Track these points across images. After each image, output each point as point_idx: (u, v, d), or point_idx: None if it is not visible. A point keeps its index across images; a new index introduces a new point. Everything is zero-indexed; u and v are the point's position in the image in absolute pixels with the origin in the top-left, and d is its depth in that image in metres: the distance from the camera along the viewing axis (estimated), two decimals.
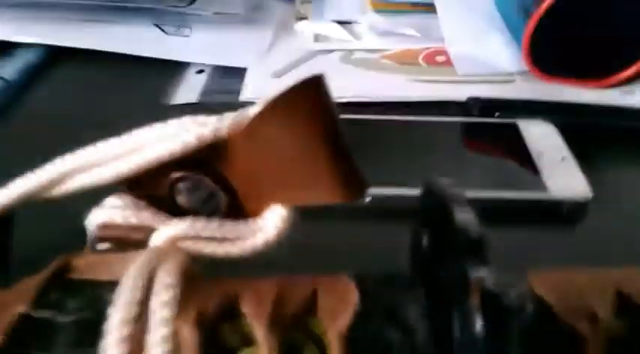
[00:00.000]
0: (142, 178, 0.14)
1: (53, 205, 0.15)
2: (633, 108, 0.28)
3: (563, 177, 0.23)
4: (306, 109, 0.12)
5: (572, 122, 0.26)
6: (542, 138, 0.25)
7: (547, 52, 0.29)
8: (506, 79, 0.30)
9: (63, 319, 0.11)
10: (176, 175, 0.14)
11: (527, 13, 0.28)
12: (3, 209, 0.15)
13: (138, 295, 0.11)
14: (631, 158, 0.26)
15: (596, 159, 0.25)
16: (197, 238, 0.13)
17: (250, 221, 0.14)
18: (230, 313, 0.11)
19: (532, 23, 0.27)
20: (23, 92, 0.29)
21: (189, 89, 0.29)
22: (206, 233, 0.13)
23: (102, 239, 0.14)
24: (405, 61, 0.31)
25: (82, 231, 0.14)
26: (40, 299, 0.11)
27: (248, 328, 0.11)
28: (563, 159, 0.24)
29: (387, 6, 0.34)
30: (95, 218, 0.14)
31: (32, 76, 0.30)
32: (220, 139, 0.13)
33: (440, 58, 0.31)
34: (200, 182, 0.14)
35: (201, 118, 0.13)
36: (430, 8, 0.33)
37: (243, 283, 0.12)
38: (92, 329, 0.10)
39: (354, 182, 0.12)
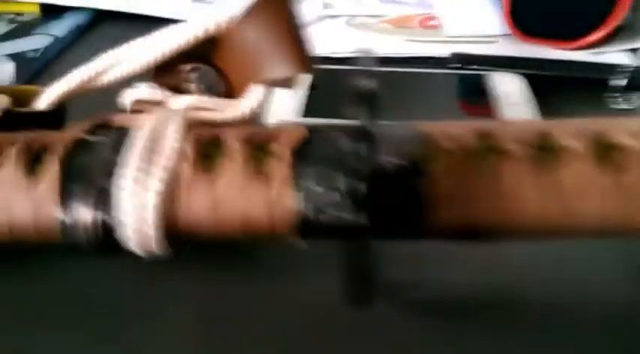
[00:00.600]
0: (162, 70, 0.19)
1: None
2: (594, 62, 0.31)
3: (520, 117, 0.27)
4: (276, 12, 0.17)
5: (539, 75, 0.30)
6: (507, 87, 0.29)
7: (527, 15, 0.33)
8: (490, 40, 0.34)
9: (105, 140, 0.16)
10: (188, 66, 0.19)
11: None
12: (60, 99, 0.20)
13: (154, 125, 0.16)
14: (587, 105, 0.30)
15: (556, 106, 0.29)
16: (201, 108, 0.18)
17: (239, 98, 0.18)
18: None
19: None
20: (70, 48, 0.35)
21: None
22: (208, 105, 0.18)
23: (133, 112, 0.19)
24: (401, 24, 0.35)
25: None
26: (90, 130, 0.16)
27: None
28: (522, 104, 0.28)
29: None
30: (128, 96, 0.19)
31: (78, 35, 0.36)
32: (217, 34, 0.18)
33: (432, 23, 0.35)
34: (205, 72, 0.19)
35: (212, 20, 0.18)
36: None
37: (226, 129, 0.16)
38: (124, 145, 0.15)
39: (307, 62, 0.17)
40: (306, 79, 0.17)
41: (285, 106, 0.27)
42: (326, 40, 0.32)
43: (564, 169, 0.14)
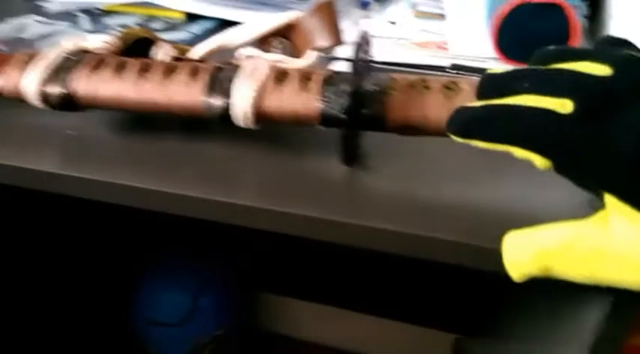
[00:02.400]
0: (261, 41, 0.35)
1: None
2: None
3: None
4: (324, 9, 0.32)
5: None
6: None
7: (509, 44, 0.46)
8: (483, 59, 0.48)
9: (230, 68, 0.32)
10: (274, 39, 0.34)
11: (492, 17, 0.46)
12: (204, 55, 0.36)
13: (253, 64, 0.31)
14: None
15: None
16: (280, 61, 0.33)
17: (301, 58, 0.34)
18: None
19: (496, 24, 0.46)
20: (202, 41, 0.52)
21: None
22: (284, 60, 0.33)
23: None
24: (421, 46, 0.50)
25: None
26: (223, 63, 0.32)
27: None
28: None
29: (422, 14, 0.54)
30: (243, 52, 0.34)
31: (209, 33, 0.53)
32: (292, 22, 0.33)
33: (445, 46, 0.50)
34: (284, 42, 0.34)
35: (290, 13, 0.33)
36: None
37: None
38: (239, 70, 0.31)
39: (340, 37, 0.32)
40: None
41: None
42: (374, 51, 0.47)
43: (457, 97, 0.28)
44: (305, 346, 1.13)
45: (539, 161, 0.23)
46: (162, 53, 0.36)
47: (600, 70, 0.22)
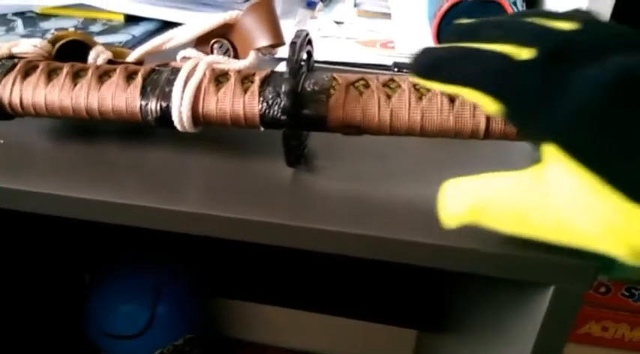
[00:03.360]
0: (199, 42, 0.34)
1: None
2: None
3: None
4: (262, 7, 0.32)
5: None
6: None
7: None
8: None
9: (166, 69, 0.31)
10: (213, 40, 0.34)
11: (432, 18, 0.47)
12: (140, 57, 0.35)
13: (191, 66, 0.30)
14: None
15: None
16: (219, 62, 0.33)
17: (241, 59, 0.33)
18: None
19: (435, 22, 0.46)
20: (142, 43, 0.51)
21: None
22: (223, 61, 0.33)
23: (181, 61, 0.34)
24: (367, 45, 0.50)
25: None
26: (159, 65, 0.31)
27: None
28: None
29: (366, 13, 0.54)
30: (180, 54, 0.34)
31: (149, 35, 0.52)
32: (230, 22, 0.33)
33: (390, 45, 0.50)
34: (223, 43, 0.34)
35: (228, 13, 0.33)
36: (390, 16, 0.52)
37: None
38: (176, 72, 0.30)
39: (281, 36, 0.32)
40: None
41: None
42: (320, 51, 0.47)
43: (395, 96, 0.28)
44: (269, 350, 1.12)
45: (491, 105, 0.23)
46: (99, 57, 0.34)
47: (567, 26, 0.22)
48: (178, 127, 0.30)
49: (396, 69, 0.45)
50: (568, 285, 0.26)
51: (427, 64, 0.25)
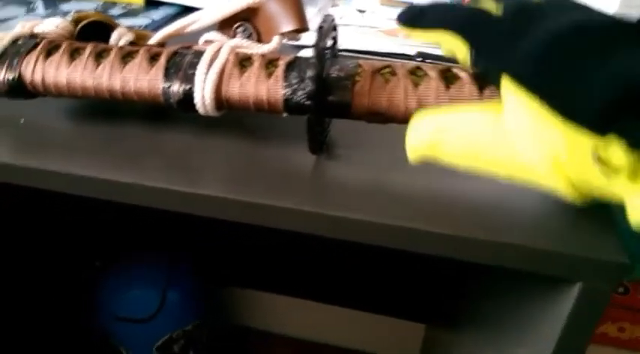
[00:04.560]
0: (222, 25, 0.33)
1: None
2: None
3: None
4: None
5: None
6: None
7: None
8: None
9: (190, 52, 0.30)
10: (237, 24, 0.33)
11: None
12: (162, 39, 0.35)
13: (214, 49, 0.30)
14: None
15: None
16: (242, 46, 0.32)
17: (264, 43, 0.32)
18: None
19: None
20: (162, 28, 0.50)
21: None
22: (246, 45, 0.32)
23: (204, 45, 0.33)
24: (389, 34, 0.49)
25: None
26: (182, 48, 0.31)
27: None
28: None
29: (389, 2, 0.53)
30: (203, 37, 0.33)
31: (168, 20, 0.51)
32: (254, 6, 0.32)
33: None
34: (247, 27, 0.33)
35: None
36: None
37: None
38: (200, 55, 0.30)
39: (305, 21, 0.31)
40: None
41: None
42: (342, 39, 0.46)
43: (422, 84, 0.28)
44: (277, 340, 1.12)
45: (463, 50, 0.26)
46: (121, 39, 0.34)
47: None
48: (200, 110, 0.30)
49: (419, 59, 0.44)
50: (596, 282, 0.25)
51: (411, 14, 0.28)
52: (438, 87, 0.28)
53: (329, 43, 0.30)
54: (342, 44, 0.44)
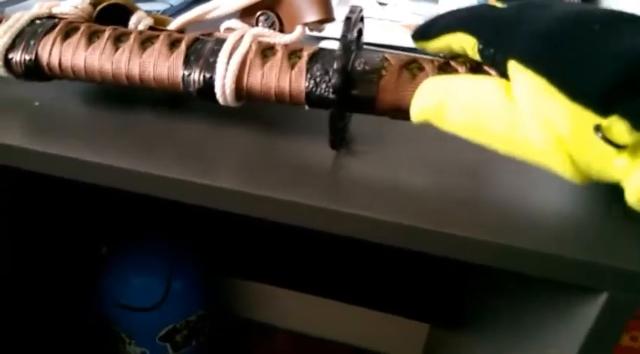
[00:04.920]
0: (244, 13, 0.33)
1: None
2: None
3: None
4: None
5: None
6: None
7: None
8: None
9: (211, 39, 0.29)
10: (259, 12, 0.32)
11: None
12: (182, 25, 0.34)
13: (236, 37, 0.29)
14: None
15: None
16: (264, 35, 0.31)
17: (288, 34, 0.32)
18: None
19: None
20: (180, 13, 0.49)
21: None
22: (268, 34, 0.31)
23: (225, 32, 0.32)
24: (412, 28, 0.48)
25: None
26: (203, 34, 0.30)
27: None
28: None
29: None
30: (224, 24, 0.32)
31: (187, 5, 0.51)
32: None
33: None
34: (269, 16, 0.32)
35: None
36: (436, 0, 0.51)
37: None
38: (221, 43, 0.29)
39: (330, 12, 0.30)
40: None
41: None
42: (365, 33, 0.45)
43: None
44: (280, 333, 1.12)
45: (471, 45, 0.25)
46: (140, 23, 0.33)
47: None
48: (220, 100, 0.29)
49: (441, 55, 0.43)
50: (623, 293, 0.24)
51: (421, 28, 0.28)
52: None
53: (355, 34, 0.29)
54: (366, 39, 0.43)
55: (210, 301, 0.98)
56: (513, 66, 0.23)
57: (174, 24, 0.34)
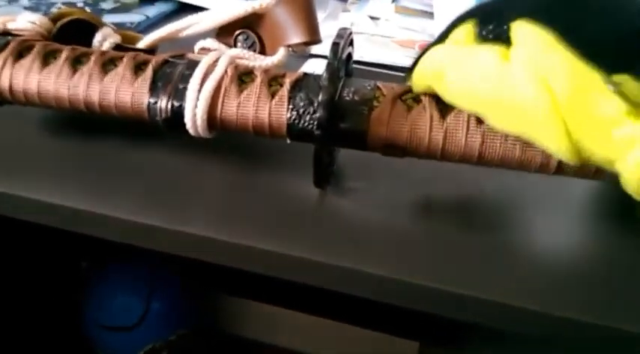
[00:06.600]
0: (221, 32, 0.29)
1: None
2: None
3: None
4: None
5: None
6: None
7: None
8: None
9: (182, 62, 0.26)
10: (238, 31, 0.29)
11: None
12: (152, 43, 0.31)
13: (211, 60, 0.26)
14: None
15: None
16: (242, 57, 0.28)
17: (268, 55, 0.28)
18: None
19: None
20: (156, 26, 0.46)
21: None
22: (247, 56, 0.28)
23: (199, 53, 0.29)
24: (405, 45, 0.45)
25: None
26: (173, 56, 0.27)
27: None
28: None
29: (405, 10, 0.49)
30: (199, 44, 0.29)
31: (164, 17, 0.47)
32: (259, 11, 0.28)
33: None
34: (249, 35, 0.29)
35: (257, 1, 0.28)
36: (431, 15, 0.48)
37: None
38: (193, 66, 0.26)
39: (317, 33, 0.27)
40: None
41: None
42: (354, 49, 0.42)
43: (451, 116, 0.24)
44: (267, 350, 1.08)
45: (469, 34, 0.23)
46: (106, 41, 0.30)
47: None
48: (191, 131, 0.26)
49: None
50: None
51: (414, 61, 0.25)
52: (469, 119, 0.24)
53: (343, 59, 0.25)
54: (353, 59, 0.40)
55: (195, 320, 0.94)
56: (518, 25, 0.21)
57: (143, 42, 0.31)
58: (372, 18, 0.49)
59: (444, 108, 0.24)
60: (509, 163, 0.24)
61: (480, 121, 0.23)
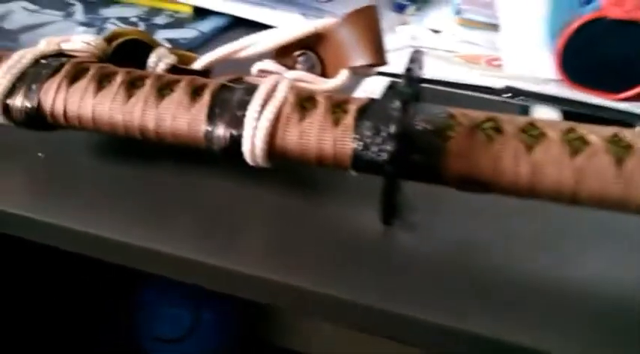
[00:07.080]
0: (281, 53, 0.28)
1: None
2: (624, 111, 0.37)
3: None
4: (364, 17, 0.25)
5: (574, 113, 0.36)
6: (544, 116, 0.36)
7: (575, 66, 0.39)
8: (543, 81, 0.40)
9: (240, 87, 0.24)
10: (298, 52, 0.27)
11: (559, 33, 0.39)
12: (209, 64, 0.29)
13: (270, 85, 0.24)
14: None
15: None
16: (303, 80, 0.26)
17: (330, 78, 0.26)
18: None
19: (562, 41, 0.38)
20: (210, 42, 0.45)
21: None
22: (308, 79, 0.26)
23: (257, 76, 0.27)
24: (470, 60, 0.42)
25: None
26: (231, 81, 0.25)
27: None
28: None
29: (469, 23, 0.46)
30: (257, 66, 0.27)
31: (218, 32, 0.46)
32: (321, 32, 0.26)
33: (496, 63, 0.42)
34: (309, 57, 0.27)
35: (320, 21, 0.26)
36: (497, 27, 0.45)
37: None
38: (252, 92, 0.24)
39: (383, 55, 0.25)
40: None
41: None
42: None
43: (539, 147, 0.21)
44: None
45: None
46: (161, 61, 0.29)
47: None
48: (249, 160, 0.24)
49: (508, 94, 0.38)
50: None
51: None
52: (560, 154, 0.21)
53: (415, 85, 0.23)
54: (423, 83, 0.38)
55: (243, 331, 0.94)
56: None
57: (199, 63, 0.29)
58: (434, 31, 0.46)
59: (529, 139, 0.21)
60: (608, 202, 0.21)
61: (574, 153, 0.21)
